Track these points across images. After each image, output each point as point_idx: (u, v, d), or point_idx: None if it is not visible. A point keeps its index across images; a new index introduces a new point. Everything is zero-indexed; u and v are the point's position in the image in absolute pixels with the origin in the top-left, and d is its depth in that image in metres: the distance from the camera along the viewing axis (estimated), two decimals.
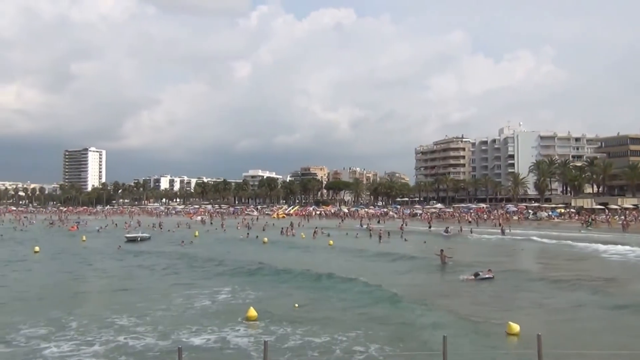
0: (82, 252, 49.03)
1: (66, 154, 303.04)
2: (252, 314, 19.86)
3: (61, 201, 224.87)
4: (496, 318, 19.50)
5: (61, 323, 19.59)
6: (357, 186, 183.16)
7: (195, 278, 32.05)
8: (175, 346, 14.61)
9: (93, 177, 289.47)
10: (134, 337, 17.67)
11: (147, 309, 22.07)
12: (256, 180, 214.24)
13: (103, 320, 19.98)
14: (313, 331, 18.00)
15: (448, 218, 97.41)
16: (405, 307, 21.98)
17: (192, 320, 19.90)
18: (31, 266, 39.59)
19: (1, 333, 18.28)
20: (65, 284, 30.53)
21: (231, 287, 27.41)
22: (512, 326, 17.27)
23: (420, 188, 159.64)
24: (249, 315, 19.83)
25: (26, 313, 21.41)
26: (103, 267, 38.82)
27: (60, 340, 17.34)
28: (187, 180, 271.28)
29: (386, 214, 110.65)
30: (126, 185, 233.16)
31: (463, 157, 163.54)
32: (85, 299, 26.66)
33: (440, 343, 11.29)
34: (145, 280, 31.71)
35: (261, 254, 43.98)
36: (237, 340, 17.28)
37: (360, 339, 17.00)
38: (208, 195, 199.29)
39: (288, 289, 27.13)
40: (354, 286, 27.30)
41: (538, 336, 11.42)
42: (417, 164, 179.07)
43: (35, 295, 26.58)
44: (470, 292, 26.16)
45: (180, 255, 44.21)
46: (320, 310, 21.74)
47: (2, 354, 16.21)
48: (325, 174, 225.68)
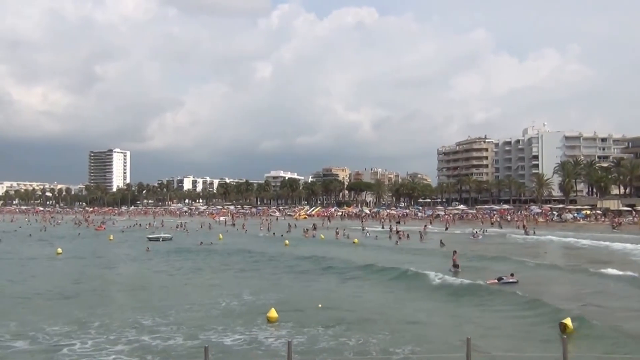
0: (108, 252, 49.93)
1: (91, 155, 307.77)
2: (272, 314, 19.91)
3: (87, 202, 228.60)
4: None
5: (84, 322, 19.96)
6: (379, 187, 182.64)
7: (220, 278, 32.47)
8: (201, 345, 14.80)
9: (118, 177, 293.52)
10: (158, 336, 17.89)
11: (170, 308, 22.30)
12: (278, 181, 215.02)
13: (126, 320, 20.29)
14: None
15: (471, 220, 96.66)
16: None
17: (216, 320, 20.10)
18: (57, 265, 40.44)
19: (25, 330, 18.69)
20: (90, 283, 31.03)
21: (250, 289, 27.64)
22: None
23: (443, 189, 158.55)
24: (269, 315, 19.89)
25: (50, 310, 21.91)
26: (127, 267, 39.49)
27: (84, 337, 17.67)
28: (209, 181, 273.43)
29: (406, 216, 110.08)
30: (150, 186, 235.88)
31: (486, 157, 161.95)
32: (108, 298, 27.06)
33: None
34: (167, 280, 32.07)
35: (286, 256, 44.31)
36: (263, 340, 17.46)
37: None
38: (230, 196, 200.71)
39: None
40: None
41: (563, 339, 11.38)
42: (439, 165, 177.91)
43: (59, 293, 27.14)
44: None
45: (205, 256, 44.74)
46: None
47: (28, 350, 16.57)
48: (347, 174, 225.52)
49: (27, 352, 16.34)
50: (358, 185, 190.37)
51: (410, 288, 27.37)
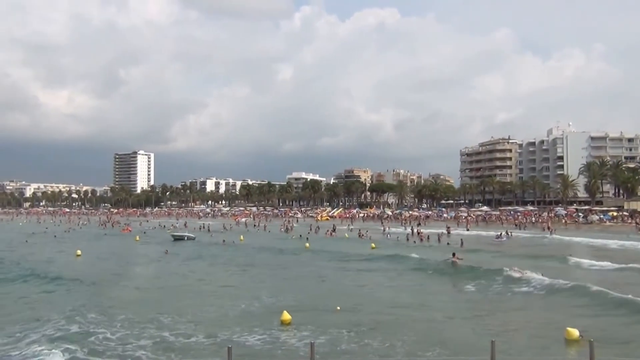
0: (131, 253, 50.73)
1: (116, 157, 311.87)
2: (285, 317, 19.97)
3: (112, 203, 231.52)
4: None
5: (111, 313, 20.71)
6: (401, 188, 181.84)
7: (239, 279, 32.79)
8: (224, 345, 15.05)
9: (142, 179, 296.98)
10: (177, 333, 18.34)
11: (188, 308, 22.72)
12: (300, 183, 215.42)
13: (146, 316, 20.77)
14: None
15: (494, 221, 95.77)
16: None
17: (234, 321, 20.39)
18: (82, 264, 41.21)
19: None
20: (110, 282, 31.61)
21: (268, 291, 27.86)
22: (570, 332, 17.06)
23: (466, 190, 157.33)
24: (282, 319, 19.94)
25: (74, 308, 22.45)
26: (149, 268, 40.08)
27: (112, 329, 18.67)
28: (232, 183, 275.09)
29: (427, 217, 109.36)
30: (174, 188, 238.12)
31: (510, 158, 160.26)
32: (128, 295, 27.55)
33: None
34: (187, 281, 32.45)
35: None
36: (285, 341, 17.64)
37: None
38: (253, 197, 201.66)
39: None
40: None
41: (590, 342, 11.28)
42: (462, 166, 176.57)
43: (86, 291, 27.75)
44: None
45: (227, 258, 45.15)
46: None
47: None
48: (368, 176, 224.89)
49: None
50: (380, 187, 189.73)
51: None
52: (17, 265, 39.01)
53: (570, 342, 16.77)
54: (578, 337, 16.78)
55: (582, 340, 16.38)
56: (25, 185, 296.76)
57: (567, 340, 16.88)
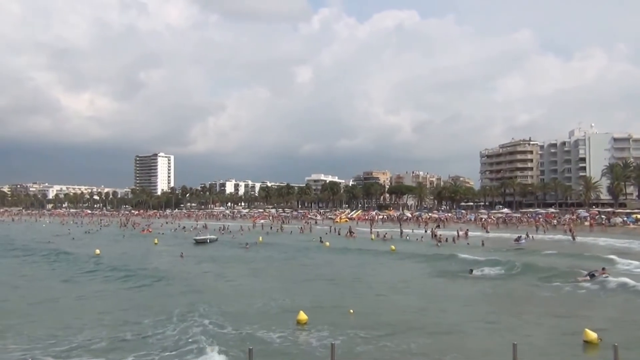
0: (149, 255, 51.29)
1: (137, 159, 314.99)
2: (302, 317, 20.21)
3: (133, 205, 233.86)
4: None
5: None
6: (420, 190, 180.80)
7: (260, 279, 32.93)
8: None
9: (162, 181, 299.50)
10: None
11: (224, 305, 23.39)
12: (319, 185, 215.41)
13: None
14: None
15: (515, 223, 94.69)
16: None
17: (251, 320, 20.67)
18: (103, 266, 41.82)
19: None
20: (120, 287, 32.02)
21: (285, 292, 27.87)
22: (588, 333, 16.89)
23: (486, 192, 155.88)
24: (299, 318, 20.19)
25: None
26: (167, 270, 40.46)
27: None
28: (251, 185, 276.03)
29: (446, 219, 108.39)
30: (193, 190, 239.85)
31: (531, 160, 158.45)
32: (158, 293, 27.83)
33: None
34: (206, 282, 32.77)
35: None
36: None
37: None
38: (272, 199, 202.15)
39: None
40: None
41: (615, 347, 11.11)
42: (482, 168, 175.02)
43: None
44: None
45: (246, 259, 45.38)
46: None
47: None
48: (387, 178, 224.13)
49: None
50: (399, 189, 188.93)
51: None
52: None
53: (589, 344, 16.65)
54: (597, 339, 16.61)
55: (600, 343, 16.30)
56: (48, 187, 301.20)
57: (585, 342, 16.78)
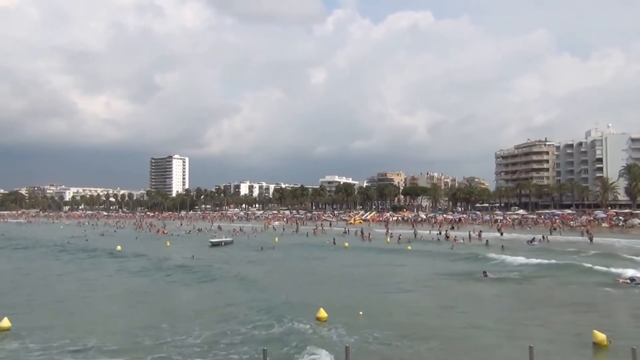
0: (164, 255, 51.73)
1: (152, 161, 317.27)
2: (322, 314, 20.57)
3: (148, 207, 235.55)
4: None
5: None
6: (435, 191, 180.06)
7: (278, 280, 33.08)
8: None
9: (177, 183, 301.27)
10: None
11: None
12: (333, 186, 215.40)
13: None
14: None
15: (531, 225, 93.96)
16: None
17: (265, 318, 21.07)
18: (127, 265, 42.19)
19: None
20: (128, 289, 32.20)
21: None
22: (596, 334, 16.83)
23: (501, 194, 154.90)
24: (319, 315, 20.53)
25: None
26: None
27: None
28: (265, 186, 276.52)
29: (459, 221, 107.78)
30: (208, 191, 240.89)
31: (547, 161, 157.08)
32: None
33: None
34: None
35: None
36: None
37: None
38: (286, 200, 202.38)
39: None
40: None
41: (633, 350, 10.96)
42: (497, 169, 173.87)
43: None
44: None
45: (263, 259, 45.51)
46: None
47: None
48: (402, 179, 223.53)
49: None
50: (414, 190, 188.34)
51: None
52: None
53: (598, 346, 16.64)
54: (606, 341, 16.49)
55: (610, 345, 16.22)
56: (65, 189, 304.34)
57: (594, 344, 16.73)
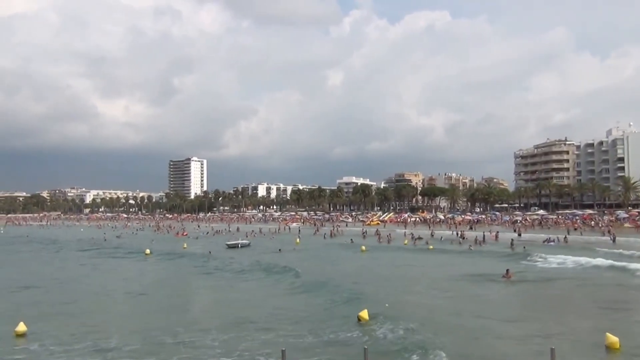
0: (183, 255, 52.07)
1: (171, 163, 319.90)
2: (364, 315, 21.04)
3: (167, 209, 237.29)
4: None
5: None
6: (453, 192, 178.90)
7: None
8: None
9: (195, 185, 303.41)
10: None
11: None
12: (350, 187, 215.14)
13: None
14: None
15: (552, 225, 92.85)
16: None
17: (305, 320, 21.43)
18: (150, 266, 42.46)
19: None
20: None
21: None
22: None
23: (521, 194, 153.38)
24: (361, 315, 20.99)
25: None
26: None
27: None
28: (283, 188, 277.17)
29: (477, 222, 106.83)
30: (226, 193, 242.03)
31: (567, 160, 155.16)
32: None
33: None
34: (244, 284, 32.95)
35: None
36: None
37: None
38: (303, 202, 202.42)
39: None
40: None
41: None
42: (516, 169, 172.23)
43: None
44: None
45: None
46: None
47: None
48: (419, 180, 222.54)
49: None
50: (432, 191, 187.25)
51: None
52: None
53: (610, 348, 16.56)
54: (618, 343, 16.39)
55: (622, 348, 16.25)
56: (85, 192, 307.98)
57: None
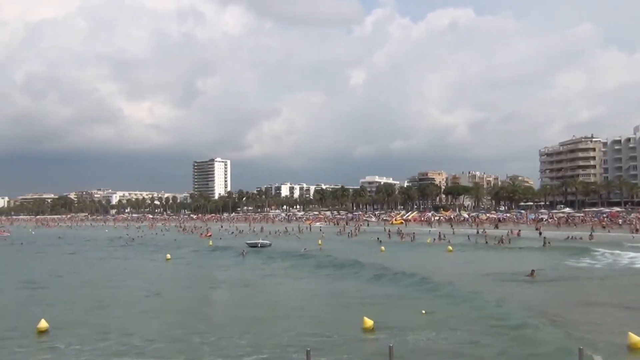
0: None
1: (195, 164, 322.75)
2: (368, 324, 20.14)
3: (191, 209, 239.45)
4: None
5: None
6: (477, 190, 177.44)
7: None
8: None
9: (219, 185, 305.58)
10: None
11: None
12: (373, 187, 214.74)
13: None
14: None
15: (578, 223, 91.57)
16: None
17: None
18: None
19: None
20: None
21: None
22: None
23: (546, 192, 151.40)
24: (365, 326, 20.14)
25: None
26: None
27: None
28: (306, 188, 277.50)
29: (501, 220, 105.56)
30: (249, 193, 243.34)
31: (593, 158, 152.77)
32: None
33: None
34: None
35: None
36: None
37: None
38: (327, 201, 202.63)
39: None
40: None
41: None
42: (541, 167, 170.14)
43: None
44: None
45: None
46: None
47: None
48: (443, 178, 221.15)
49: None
50: (455, 189, 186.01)
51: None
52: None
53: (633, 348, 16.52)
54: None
55: None
56: (112, 193, 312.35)
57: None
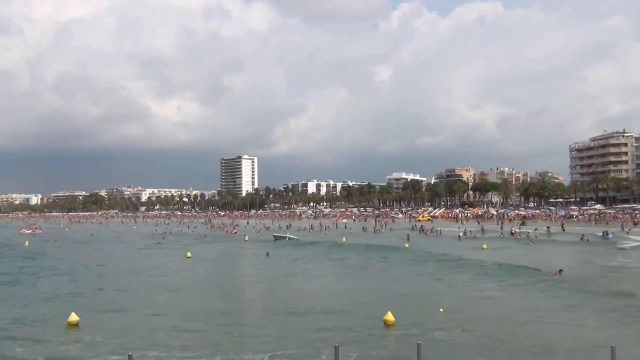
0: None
1: (222, 162, 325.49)
2: (389, 318, 20.25)
3: (219, 206, 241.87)
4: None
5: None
6: (506, 187, 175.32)
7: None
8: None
9: (247, 183, 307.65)
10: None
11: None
12: (400, 183, 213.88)
13: None
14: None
15: (610, 220, 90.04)
16: None
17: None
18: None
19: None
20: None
21: None
22: None
23: (577, 188, 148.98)
24: (385, 319, 20.29)
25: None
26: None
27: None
28: (332, 184, 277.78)
29: (528, 217, 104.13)
30: (276, 190, 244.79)
31: (625, 153, 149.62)
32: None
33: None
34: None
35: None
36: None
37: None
38: (353, 198, 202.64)
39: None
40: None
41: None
42: (572, 162, 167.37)
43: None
44: None
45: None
46: None
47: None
48: (471, 175, 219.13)
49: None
50: (483, 186, 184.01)
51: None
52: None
53: None
54: None
55: None
56: (141, 190, 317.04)
57: None
